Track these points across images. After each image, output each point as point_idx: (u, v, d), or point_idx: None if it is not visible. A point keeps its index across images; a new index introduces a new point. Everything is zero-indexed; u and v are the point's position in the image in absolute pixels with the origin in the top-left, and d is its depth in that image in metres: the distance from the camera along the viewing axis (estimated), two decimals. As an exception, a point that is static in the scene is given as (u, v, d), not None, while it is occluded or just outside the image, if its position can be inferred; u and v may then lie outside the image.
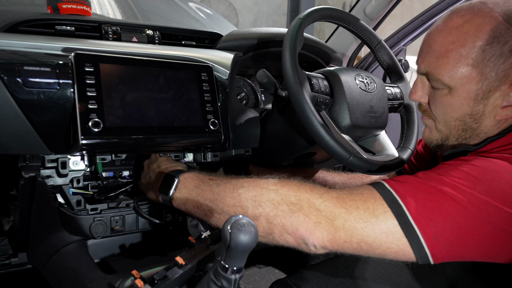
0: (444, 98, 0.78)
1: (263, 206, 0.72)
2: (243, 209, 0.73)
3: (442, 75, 0.76)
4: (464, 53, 0.72)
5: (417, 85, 0.84)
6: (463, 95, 0.75)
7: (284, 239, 0.71)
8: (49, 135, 0.77)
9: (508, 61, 0.70)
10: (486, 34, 0.71)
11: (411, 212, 0.64)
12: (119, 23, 0.95)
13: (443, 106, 0.79)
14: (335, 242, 0.67)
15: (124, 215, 0.92)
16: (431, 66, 0.77)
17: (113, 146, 0.78)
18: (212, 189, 0.79)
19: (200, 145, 0.92)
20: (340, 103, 0.91)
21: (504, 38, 0.70)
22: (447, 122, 0.81)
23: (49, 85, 0.74)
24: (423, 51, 0.80)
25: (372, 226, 0.65)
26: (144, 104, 0.82)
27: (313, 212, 0.68)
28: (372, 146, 1.01)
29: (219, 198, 0.77)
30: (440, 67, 0.75)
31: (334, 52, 1.31)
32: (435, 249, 0.63)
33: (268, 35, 1.11)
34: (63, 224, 0.90)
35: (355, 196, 0.69)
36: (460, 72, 0.73)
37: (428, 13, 1.53)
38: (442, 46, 0.75)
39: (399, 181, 0.69)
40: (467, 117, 0.77)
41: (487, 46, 0.71)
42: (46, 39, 0.81)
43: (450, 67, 0.74)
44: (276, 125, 1.04)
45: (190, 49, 1.00)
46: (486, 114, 0.76)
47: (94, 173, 0.95)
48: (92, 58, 0.78)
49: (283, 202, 0.71)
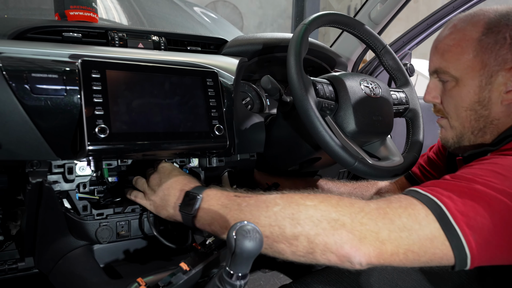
0: (453, 90, 0.86)
1: (302, 224, 0.66)
2: (280, 228, 0.68)
3: (448, 67, 0.85)
4: (464, 45, 0.83)
5: (429, 87, 0.92)
6: (469, 83, 0.83)
7: (326, 258, 0.66)
8: (56, 141, 0.77)
9: (504, 47, 0.79)
10: (481, 27, 0.82)
11: (451, 212, 0.63)
12: (125, 30, 0.96)
13: (453, 98, 0.86)
14: (381, 256, 0.64)
15: (130, 220, 0.92)
16: (438, 62, 0.87)
17: (119, 152, 0.79)
18: (241, 208, 0.74)
19: (206, 151, 0.92)
20: (345, 108, 0.92)
21: (497, 28, 0.80)
22: (459, 115, 0.87)
23: (56, 92, 0.75)
24: (431, 54, 0.90)
25: (416, 233, 0.64)
26: (150, 110, 0.82)
27: (357, 227, 0.64)
28: (378, 151, 1.01)
29: (251, 218, 0.71)
30: (446, 61, 0.85)
31: (339, 57, 1.31)
32: (474, 249, 0.63)
33: (273, 40, 1.11)
34: (70, 229, 0.90)
35: (394, 204, 0.67)
36: (463, 63, 0.83)
37: (433, 17, 1.53)
38: (445, 44, 0.86)
39: (430, 185, 0.69)
40: (476, 105, 0.84)
41: (483, 36, 0.81)
42: (54, 46, 0.82)
43: (454, 59, 0.84)
44: (281, 130, 1.04)
45: (196, 54, 1.01)
46: (493, 99, 0.82)
47: (100, 178, 0.96)
48: (99, 65, 0.78)
49: (323, 219, 0.66)
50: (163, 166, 0.90)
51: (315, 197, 0.70)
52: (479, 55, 0.81)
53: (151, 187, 0.88)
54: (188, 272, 0.74)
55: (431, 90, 0.91)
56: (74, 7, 0.94)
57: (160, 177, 0.87)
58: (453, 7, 1.50)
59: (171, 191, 0.84)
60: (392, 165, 0.94)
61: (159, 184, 0.86)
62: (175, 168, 0.91)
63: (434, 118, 1.89)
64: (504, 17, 0.81)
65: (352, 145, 0.90)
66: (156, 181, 0.87)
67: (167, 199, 0.84)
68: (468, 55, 0.82)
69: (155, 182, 0.87)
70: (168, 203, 0.84)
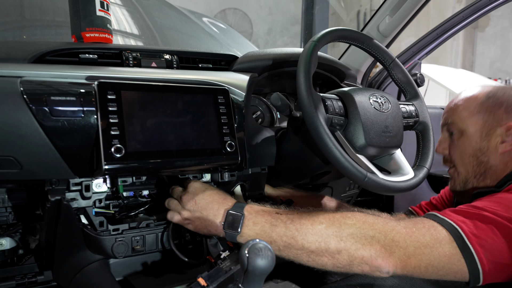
0: (459, 140, 1.07)
1: (345, 241, 0.78)
2: (326, 244, 0.79)
3: (456, 121, 1.08)
4: (471, 106, 1.06)
5: (440, 141, 1.14)
6: (472, 135, 1.05)
7: (361, 269, 0.78)
8: (74, 160, 0.80)
9: (500, 109, 1.02)
10: (485, 94, 1.06)
11: (466, 233, 0.77)
12: (139, 49, 0.99)
13: (459, 147, 1.08)
14: (406, 268, 0.77)
15: (145, 235, 0.95)
16: (449, 117, 1.10)
17: (134, 170, 0.81)
18: (287, 226, 0.82)
19: (218, 167, 0.94)
20: (355, 124, 0.93)
21: (495, 95, 1.04)
22: (463, 161, 1.07)
23: (74, 113, 0.77)
24: (444, 112, 1.14)
25: (437, 250, 0.77)
26: (163, 129, 0.85)
27: (389, 243, 0.77)
28: (388, 165, 1.02)
29: (298, 235, 0.81)
30: (455, 115, 1.09)
31: (348, 69, 1.32)
32: (486, 266, 0.76)
33: (283, 55, 1.13)
34: (87, 244, 0.93)
35: (419, 225, 0.81)
36: (468, 118, 1.06)
37: (443, 27, 1.53)
38: (457, 104, 1.10)
39: (447, 211, 0.84)
40: (478, 152, 1.04)
41: (485, 100, 1.05)
42: (71, 68, 0.85)
43: (462, 115, 1.07)
44: (292, 144, 1.06)
45: (207, 72, 1.03)
46: (491, 148, 1.02)
47: (115, 193, 0.99)
48: (114, 86, 0.81)
49: (362, 237, 0.78)
50: (194, 187, 0.93)
51: (353, 216, 0.82)
52: (480, 113, 1.04)
53: (186, 208, 0.90)
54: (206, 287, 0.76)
55: (441, 143, 1.13)
56: (90, 29, 0.97)
57: (194, 198, 0.90)
58: (463, 16, 1.50)
59: (210, 211, 0.88)
60: (402, 179, 0.94)
61: (195, 205, 0.90)
62: (207, 187, 0.93)
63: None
64: (502, 89, 1.05)
65: (362, 160, 0.91)
66: (191, 203, 0.90)
67: (207, 219, 0.88)
68: (472, 112, 1.05)
69: (189, 203, 0.90)
70: (208, 223, 0.88)
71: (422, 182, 0.98)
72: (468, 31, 9.10)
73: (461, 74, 5.05)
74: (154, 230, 0.96)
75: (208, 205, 0.89)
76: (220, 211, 0.88)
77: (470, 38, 9.28)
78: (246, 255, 0.66)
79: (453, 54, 8.72)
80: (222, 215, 0.87)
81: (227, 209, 0.87)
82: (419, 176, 0.97)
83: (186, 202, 0.91)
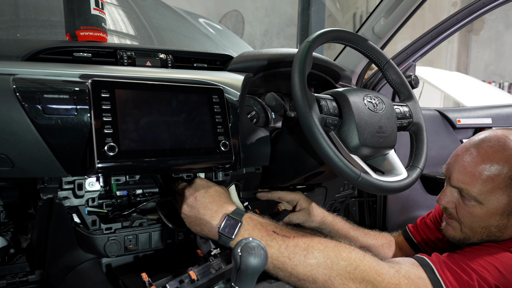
0: (473, 209, 0.96)
1: (333, 280, 0.80)
2: (314, 279, 0.80)
3: (475, 193, 0.94)
4: (495, 178, 0.92)
5: (445, 193, 1.02)
6: (491, 211, 0.93)
7: None
8: (66, 158, 0.80)
9: None
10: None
11: None
12: (134, 48, 0.98)
13: (472, 215, 0.96)
14: None
15: (138, 234, 0.94)
16: (465, 184, 0.95)
17: (128, 169, 0.81)
18: (280, 250, 0.82)
19: (212, 166, 0.94)
20: (349, 124, 0.93)
21: None
22: (473, 228, 0.97)
23: (67, 111, 0.77)
24: (456, 169, 0.99)
25: None
26: (157, 128, 0.85)
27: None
28: (381, 166, 1.02)
29: (289, 263, 0.81)
30: (474, 187, 0.94)
31: (343, 70, 1.32)
32: None
33: (278, 56, 1.13)
34: (79, 243, 0.93)
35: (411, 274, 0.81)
36: (491, 193, 0.92)
37: (437, 29, 1.54)
38: (476, 170, 0.94)
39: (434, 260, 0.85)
40: (493, 228, 0.95)
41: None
42: (65, 66, 0.84)
43: (483, 188, 0.93)
44: (286, 145, 1.06)
45: (202, 71, 1.03)
46: (509, 226, 0.94)
47: (109, 192, 0.98)
48: (108, 85, 0.81)
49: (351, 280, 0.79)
50: (198, 183, 0.92)
51: (349, 255, 0.81)
52: (507, 190, 0.91)
53: (186, 202, 0.90)
54: (196, 282, 0.76)
55: (447, 197, 1.01)
56: (85, 27, 0.97)
57: (195, 194, 0.89)
58: (457, 19, 1.51)
59: (207, 212, 0.87)
60: (396, 179, 0.94)
61: (194, 201, 0.89)
62: (210, 186, 0.92)
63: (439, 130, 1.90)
64: None
65: (356, 160, 0.92)
66: (191, 198, 0.89)
67: (203, 218, 0.87)
68: (497, 188, 0.92)
69: (190, 198, 0.90)
70: (204, 222, 0.87)
71: (415, 182, 0.98)
72: (463, 34, 9.17)
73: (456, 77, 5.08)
74: (147, 229, 0.96)
75: (207, 205, 0.88)
76: (219, 213, 0.86)
77: (465, 41, 9.35)
78: (239, 254, 0.66)
79: (448, 57, 8.78)
80: (220, 218, 0.86)
81: (226, 213, 0.86)
82: (412, 177, 0.97)
83: (187, 196, 0.90)
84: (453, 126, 1.84)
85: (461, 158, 0.98)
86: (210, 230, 0.86)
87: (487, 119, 1.89)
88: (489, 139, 0.97)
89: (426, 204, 1.76)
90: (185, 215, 0.90)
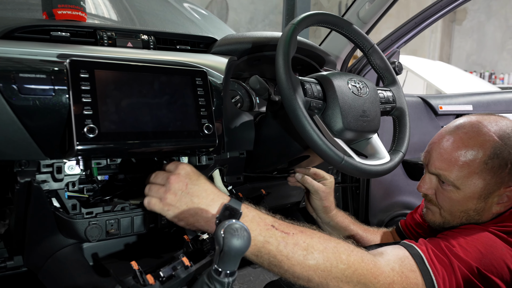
0: (452, 194, 0.98)
1: (328, 281, 0.79)
2: (309, 279, 0.79)
3: (452, 178, 0.96)
4: (471, 163, 0.94)
5: (425, 180, 1.04)
6: (469, 195, 0.96)
7: None
8: (44, 140, 0.77)
9: (504, 171, 0.93)
10: (488, 151, 0.93)
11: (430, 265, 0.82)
12: (114, 29, 0.96)
13: (451, 200, 0.99)
14: None
15: (120, 218, 0.93)
16: (443, 170, 0.98)
17: (108, 151, 0.79)
18: (279, 248, 0.78)
19: (195, 149, 0.93)
20: (333, 108, 0.93)
21: (502, 154, 0.93)
22: (453, 212, 1.00)
23: (45, 92, 0.74)
24: (433, 156, 1.01)
25: None
26: (139, 110, 0.83)
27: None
28: (365, 149, 1.03)
29: (286, 263, 0.78)
30: (451, 172, 0.96)
31: (328, 55, 1.32)
32: None
33: (262, 39, 1.12)
34: (59, 228, 0.91)
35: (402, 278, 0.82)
36: (467, 178, 0.95)
37: (421, 16, 1.55)
38: (453, 156, 0.96)
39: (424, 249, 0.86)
40: (471, 211, 0.98)
41: (489, 160, 0.93)
42: (41, 45, 0.81)
43: (459, 173, 0.95)
44: (270, 129, 1.06)
45: (185, 53, 1.01)
46: (486, 209, 0.97)
47: (90, 177, 0.96)
48: (87, 65, 0.78)
49: (346, 282, 0.79)
50: (186, 170, 0.82)
51: (348, 258, 0.80)
52: (482, 174, 0.94)
53: (173, 190, 0.80)
54: (190, 268, 0.76)
55: (426, 184, 1.03)
56: (62, 6, 0.93)
57: (186, 181, 0.81)
58: (440, 6, 1.52)
59: (203, 200, 0.80)
60: (379, 163, 0.95)
61: (185, 189, 0.80)
62: (200, 175, 0.84)
63: (421, 116, 1.93)
64: (507, 144, 0.93)
65: (339, 144, 0.92)
66: (180, 185, 0.80)
67: (198, 207, 0.79)
68: (473, 172, 0.94)
69: (178, 185, 0.80)
70: (199, 212, 0.80)
71: (397, 166, 0.99)
72: (446, 24, 9.27)
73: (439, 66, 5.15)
74: (129, 214, 0.94)
75: (201, 193, 0.80)
76: (216, 202, 0.80)
77: (448, 31, 9.46)
78: (222, 235, 0.65)
79: (431, 46, 8.88)
80: (217, 207, 0.79)
81: (224, 203, 0.80)
82: (394, 160, 0.99)
83: (174, 183, 0.80)
84: (435, 112, 1.87)
85: (438, 146, 1.00)
86: (207, 221, 0.79)
87: (468, 106, 1.93)
88: (464, 125, 0.99)
89: (408, 189, 1.79)
90: (172, 206, 0.80)
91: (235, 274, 0.69)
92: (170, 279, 0.73)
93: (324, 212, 1.22)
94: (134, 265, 0.72)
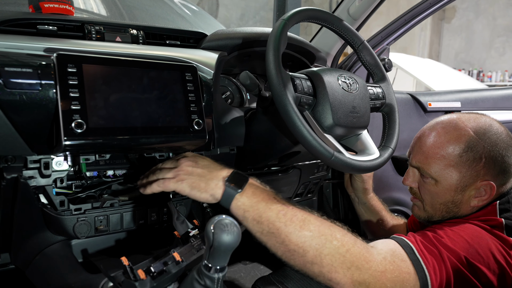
0: (431, 187, 1.03)
1: (322, 258, 0.80)
2: (304, 252, 0.81)
3: (431, 171, 1.01)
4: (447, 156, 0.99)
5: (409, 174, 1.09)
6: (446, 187, 1.00)
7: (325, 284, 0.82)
8: (31, 136, 0.76)
9: (479, 164, 0.97)
10: (463, 144, 0.98)
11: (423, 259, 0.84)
12: (103, 23, 0.94)
13: (431, 193, 1.03)
14: None
15: (109, 215, 0.92)
16: (422, 163, 1.03)
17: (97, 147, 0.78)
18: (278, 215, 0.83)
19: (185, 145, 0.92)
20: (323, 104, 0.93)
21: (476, 148, 0.97)
22: (433, 205, 1.04)
23: (31, 86, 0.73)
24: (414, 150, 1.07)
25: None
26: (128, 105, 0.82)
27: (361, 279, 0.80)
28: (355, 145, 1.04)
29: (284, 230, 0.82)
30: (429, 165, 1.01)
31: (319, 52, 1.32)
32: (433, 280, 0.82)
33: (253, 35, 1.12)
34: (47, 225, 0.90)
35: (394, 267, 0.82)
36: (444, 170, 1.00)
37: (411, 13, 1.55)
38: (430, 149, 1.01)
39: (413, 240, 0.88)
40: (450, 203, 1.02)
41: (464, 153, 0.98)
42: (28, 39, 0.80)
43: (436, 166, 1.00)
44: (261, 125, 1.05)
45: (175, 49, 1.00)
46: (464, 201, 1.00)
47: (78, 173, 0.95)
48: (75, 59, 0.77)
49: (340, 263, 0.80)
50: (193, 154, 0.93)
51: (342, 237, 0.82)
52: (458, 167, 0.98)
53: (186, 167, 0.87)
54: (181, 263, 0.75)
55: (410, 177, 1.08)
56: (49, -1, 0.92)
57: (196, 160, 0.89)
58: (430, 3, 1.53)
59: (213, 168, 0.88)
60: (368, 159, 0.96)
61: (196, 166, 0.88)
62: (204, 157, 0.93)
63: (410, 113, 1.94)
64: (482, 138, 0.97)
65: (329, 139, 0.92)
66: (191, 163, 0.88)
67: (210, 172, 0.87)
68: (449, 165, 0.99)
69: (190, 163, 0.88)
70: (210, 176, 0.86)
71: (387, 161, 1.00)
72: (435, 22, 9.36)
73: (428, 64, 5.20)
74: (118, 210, 0.94)
75: (211, 164, 0.89)
76: (225, 169, 0.88)
77: (437, 29, 9.55)
78: (212, 231, 0.65)
79: (420, 44, 8.96)
80: (227, 172, 0.87)
81: (234, 170, 0.88)
82: (384, 156, 0.99)
83: (185, 162, 0.88)
84: (424, 109, 1.88)
85: (419, 140, 1.06)
86: (217, 184, 0.86)
87: (457, 103, 1.94)
88: (443, 121, 1.05)
89: (397, 185, 1.80)
90: (185, 179, 0.86)
91: (225, 270, 0.69)
92: (161, 274, 0.73)
93: (363, 193, 1.36)
94: (124, 261, 0.71)
